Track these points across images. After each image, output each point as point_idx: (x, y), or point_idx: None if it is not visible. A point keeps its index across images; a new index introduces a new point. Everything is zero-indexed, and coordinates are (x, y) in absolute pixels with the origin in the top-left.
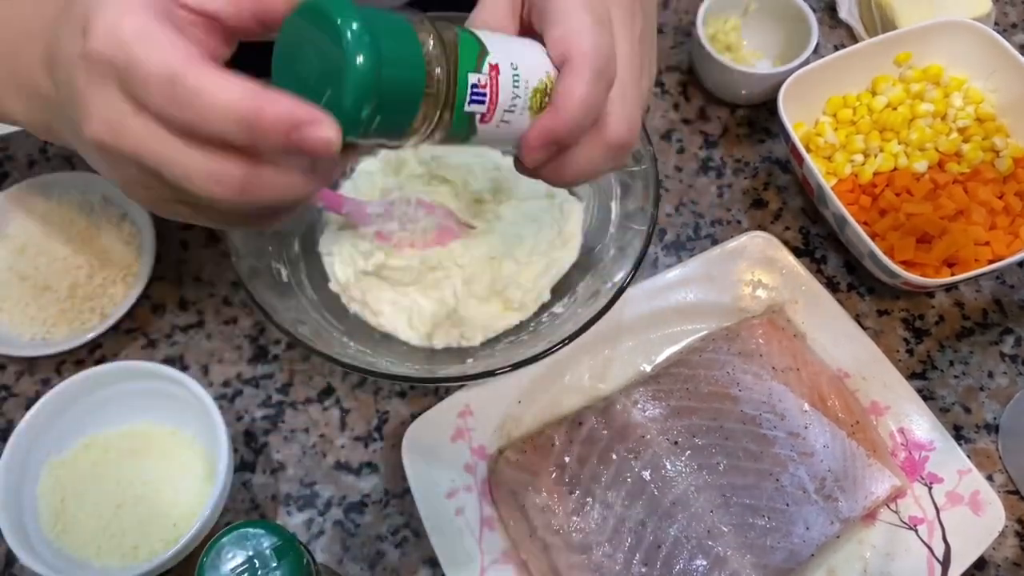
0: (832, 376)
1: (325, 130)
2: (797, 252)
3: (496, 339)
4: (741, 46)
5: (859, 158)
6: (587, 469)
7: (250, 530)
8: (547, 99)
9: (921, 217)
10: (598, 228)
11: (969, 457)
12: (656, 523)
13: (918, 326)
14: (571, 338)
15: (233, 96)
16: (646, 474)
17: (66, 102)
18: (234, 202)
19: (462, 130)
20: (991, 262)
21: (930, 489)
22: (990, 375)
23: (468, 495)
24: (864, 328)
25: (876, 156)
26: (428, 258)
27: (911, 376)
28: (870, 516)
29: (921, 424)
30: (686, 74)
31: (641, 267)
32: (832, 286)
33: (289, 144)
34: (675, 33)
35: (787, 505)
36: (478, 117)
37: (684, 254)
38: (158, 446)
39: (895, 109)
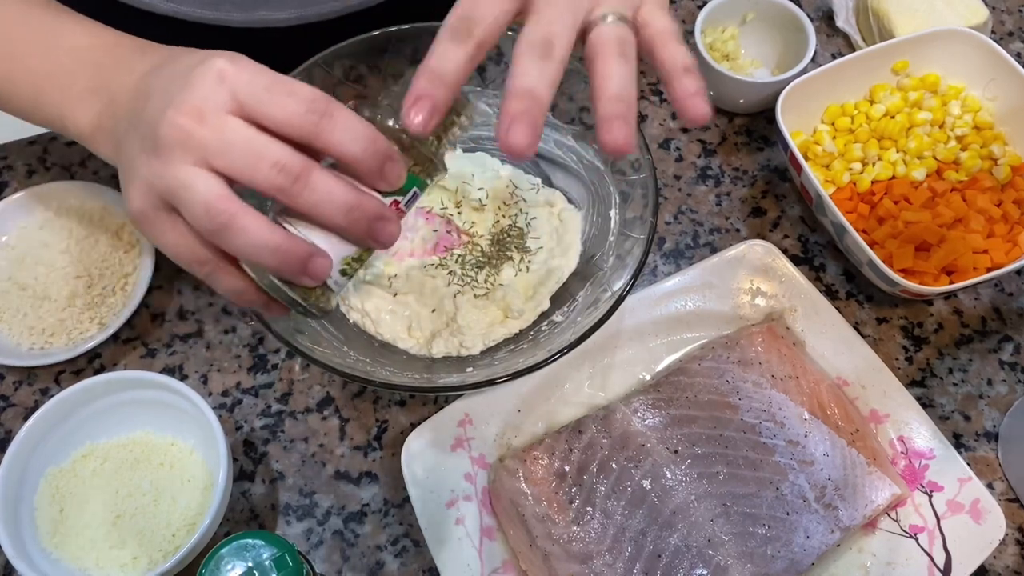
0: (831, 384)
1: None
2: (796, 260)
3: (495, 348)
4: (739, 55)
5: (857, 166)
6: (587, 478)
7: (249, 541)
8: None
9: (919, 225)
10: (597, 237)
11: (969, 465)
12: (656, 532)
13: (917, 334)
14: (571, 347)
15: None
16: (646, 483)
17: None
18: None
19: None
20: (989, 270)
21: (930, 497)
22: (989, 383)
23: (468, 504)
24: (863, 336)
25: (874, 164)
26: (428, 267)
27: (910, 384)
28: (870, 525)
29: (921, 432)
30: None
31: (640, 275)
32: (831, 294)
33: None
34: None
35: (787, 514)
36: None
37: (683, 262)
38: (157, 456)
39: (893, 117)
